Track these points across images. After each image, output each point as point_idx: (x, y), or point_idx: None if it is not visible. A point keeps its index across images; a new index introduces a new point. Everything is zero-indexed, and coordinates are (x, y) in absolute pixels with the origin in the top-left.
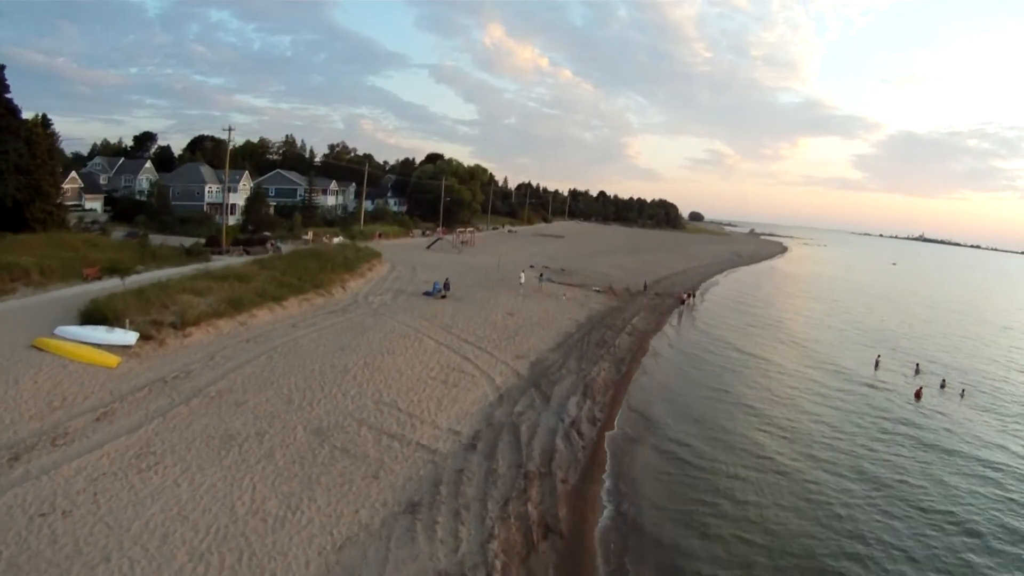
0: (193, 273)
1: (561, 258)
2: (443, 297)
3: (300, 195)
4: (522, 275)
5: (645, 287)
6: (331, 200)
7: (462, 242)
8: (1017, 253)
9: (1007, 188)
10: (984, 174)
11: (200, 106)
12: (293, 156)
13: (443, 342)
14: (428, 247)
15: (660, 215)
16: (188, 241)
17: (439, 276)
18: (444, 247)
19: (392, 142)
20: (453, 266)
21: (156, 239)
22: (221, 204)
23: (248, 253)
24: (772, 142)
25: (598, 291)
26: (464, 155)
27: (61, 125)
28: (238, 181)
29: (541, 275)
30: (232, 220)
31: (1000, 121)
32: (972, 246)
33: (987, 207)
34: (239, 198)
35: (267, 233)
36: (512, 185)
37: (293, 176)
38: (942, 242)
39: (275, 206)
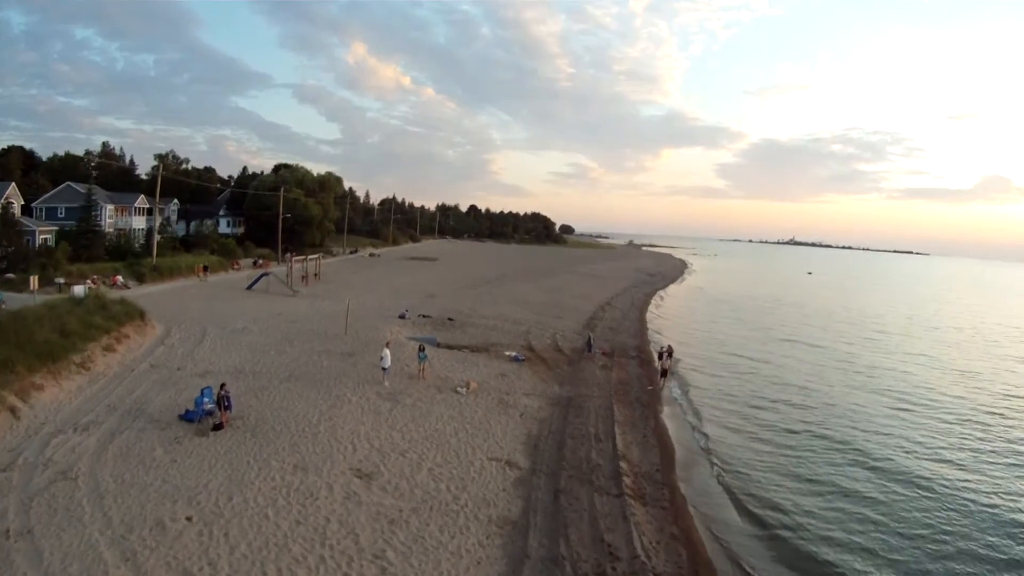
0: None
1: (442, 294)
2: (216, 428)
3: (96, 214)
4: (386, 352)
5: (589, 345)
6: (139, 222)
7: (301, 277)
8: (888, 252)
9: (872, 190)
10: (849, 177)
11: (64, 128)
12: (111, 171)
13: None
14: (249, 287)
15: (539, 230)
16: None
17: (241, 349)
18: (274, 285)
19: (256, 163)
20: (274, 325)
21: None
22: None
23: None
24: (635, 154)
25: (516, 359)
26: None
27: None
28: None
29: (422, 348)
30: None
31: (863, 127)
32: (844, 247)
33: (854, 209)
34: None
35: (10, 275)
36: (375, 201)
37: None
38: (814, 244)
39: (59, 230)
